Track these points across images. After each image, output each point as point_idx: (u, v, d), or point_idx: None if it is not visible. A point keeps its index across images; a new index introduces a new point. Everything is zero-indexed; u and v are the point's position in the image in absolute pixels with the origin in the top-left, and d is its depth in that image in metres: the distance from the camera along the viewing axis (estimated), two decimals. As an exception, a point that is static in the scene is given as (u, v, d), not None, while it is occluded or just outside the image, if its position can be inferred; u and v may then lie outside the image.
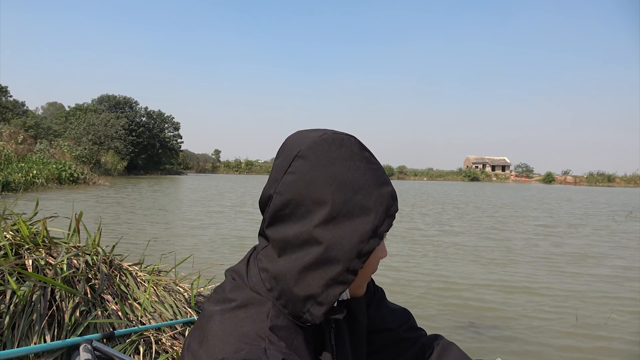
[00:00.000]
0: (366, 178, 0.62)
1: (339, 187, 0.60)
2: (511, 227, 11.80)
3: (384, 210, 0.62)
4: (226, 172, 76.43)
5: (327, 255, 0.59)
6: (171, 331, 2.03)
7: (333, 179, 0.60)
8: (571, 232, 10.93)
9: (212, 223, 10.63)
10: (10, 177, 16.80)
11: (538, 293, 5.29)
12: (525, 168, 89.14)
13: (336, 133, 0.65)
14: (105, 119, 38.43)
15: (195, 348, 0.61)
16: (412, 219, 13.18)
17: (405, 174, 77.83)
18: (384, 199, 0.62)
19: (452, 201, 21.94)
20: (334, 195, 0.60)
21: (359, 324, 0.80)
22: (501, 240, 9.32)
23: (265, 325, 0.60)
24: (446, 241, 9.01)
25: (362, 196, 0.61)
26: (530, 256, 7.63)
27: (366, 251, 0.60)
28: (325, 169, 0.61)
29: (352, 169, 0.61)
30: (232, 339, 0.57)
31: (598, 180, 72.14)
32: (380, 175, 0.64)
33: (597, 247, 8.80)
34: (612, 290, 5.48)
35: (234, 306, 0.62)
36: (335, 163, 0.61)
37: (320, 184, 0.60)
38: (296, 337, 0.63)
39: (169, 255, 4.99)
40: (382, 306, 0.87)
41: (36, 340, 1.61)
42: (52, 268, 1.85)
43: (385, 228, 0.62)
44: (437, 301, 4.87)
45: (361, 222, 0.60)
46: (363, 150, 0.65)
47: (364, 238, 0.60)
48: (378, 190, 0.62)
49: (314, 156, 0.62)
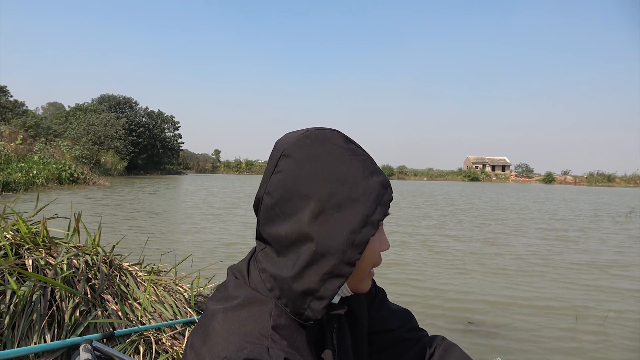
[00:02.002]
0: (352, 170, 0.62)
1: (324, 181, 0.61)
2: (512, 228, 11.80)
3: (374, 198, 0.61)
4: (226, 172, 76.40)
5: (320, 249, 0.60)
6: (171, 331, 2.03)
7: (317, 173, 0.61)
8: (578, 236, 10.92)
9: (212, 223, 10.62)
10: (10, 177, 16.79)
11: (538, 293, 5.28)
12: (525, 168, 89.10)
13: (319, 129, 0.66)
14: (105, 119, 38.36)
15: (198, 346, 0.61)
16: (413, 219, 13.18)
17: (405, 174, 77.79)
18: (373, 188, 0.62)
19: (452, 201, 21.93)
20: (320, 189, 0.60)
21: (360, 325, 0.80)
22: (501, 241, 9.32)
23: (268, 324, 0.60)
24: (447, 241, 9.01)
25: (348, 188, 0.61)
26: (531, 256, 7.63)
27: (360, 241, 0.60)
28: (309, 165, 0.62)
29: (337, 162, 0.62)
30: (235, 337, 0.58)
31: (598, 180, 72.11)
32: (368, 166, 0.64)
33: (599, 247, 8.80)
34: (613, 291, 5.48)
35: (236, 304, 0.63)
36: (319, 158, 0.62)
37: (305, 179, 0.61)
38: (298, 336, 0.63)
39: (169, 255, 4.99)
40: (382, 307, 0.87)
41: (36, 340, 1.61)
42: (52, 268, 1.85)
43: (378, 217, 0.61)
44: (436, 301, 4.87)
45: (350, 213, 0.60)
46: (348, 143, 0.65)
47: (355, 228, 0.60)
48: (366, 180, 0.62)
49: (297, 153, 0.63)
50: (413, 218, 13.39)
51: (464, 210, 16.84)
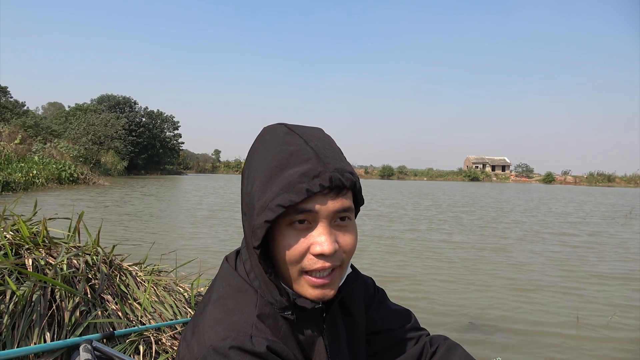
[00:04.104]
0: (278, 159, 0.63)
1: (258, 171, 0.65)
2: (511, 227, 11.80)
3: (285, 185, 0.61)
4: (226, 172, 76.39)
5: (245, 235, 0.68)
6: (171, 331, 2.03)
7: (253, 164, 0.67)
8: (587, 239, 10.91)
9: (212, 223, 10.62)
10: (10, 177, 16.79)
11: (538, 293, 5.28)
12: (525, 168, 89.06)
13: (269, 125, 0.71)
14: (105, 119, 38.34)
15: (189, 337, 0.64)
16: (414, 219, 13.18)
17: (405, 174, 77.74)
18: (291, 175, 0.61)
19: (454, 202, 21.92)
20: (255, 178, 0.65)
21: (356, 325, 0.80)
22: (501, 240, 9.32)
23: (253, 314, 0.63)
24: (447, 242, 9.01)
25: (272, 175, 0.63)
26: (530, 256, 7.63)
27: (256, 225, 0.62)
28: (250, 159, 0.68)
29: (267, 154, 0.65)
30: (220, 327, 0.61)
31: (598, 180, 72.09)
32: (297, 156, 0.63)
33: (605, 249, 8.80)
34: (614, 291, 5.48)
35: (223, 293, 0.67)
36: (257, 151, 0.67)
37: (248, 171, 0.68)
38: (283, 326, 0.65)
39: (169, 256, 4.99)
40: (382, 307, 0.87)
41: (36, 340, 1.61)
42: (52, 268, 1.85)
43: (279, 201, 0.60)
44: (437, 301, 4.87)
45: (259, 199, 0.63)
46: (287, 135, 0.66)
47: (263, 209, 0.62)
48: (288, 169, 0.62)
49: (254, 145, 0.69)
50: (413, 218, 13.39)
51: (467, 211, 16.83)
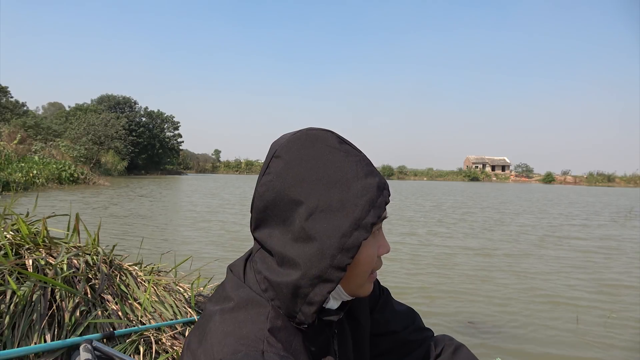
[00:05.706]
0: (344, 171, 0.60)
1: (313, 184, 0.59)
2: (512, 227, 11.80)
3: (367, 201, 0.59)
4: (226, 172, 76.41)
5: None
6: (171, 331, 2.03)
7: (307, 176, 0.60)
8: (581, 236, 10.90)
9: (212, 223, 10.62)
10: (11, 177, 16.79)
11: (538, 293, 5.28)
12: (525, 168, 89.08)
13: (311, 129, 0.64)
14: (105, 119, 38.33)
15: (195, 347, 0.61)
16: (414, 220, 13.18)
17: (405, 174, 77.75)
18: (367, 190, 0.60)
19: (455, 202, 21.92)
20: (309, 192, 0.59)
21: (361, 327, 0.79)
22: (502, 240, 9.32)
23: (265, 327, 0.59)
24: (447, 242, 9.01)
25: (339, 190, 0.59)
26: (530, 256, 7.63)
27: (350, 245, 0.58)
28: (298, 167, 0.60)
29: (328, 164, 0.60)
30: (230, 340, 0.57)
31: (598, 180, 72.09)
32: (363, 167, 0.62)
33: (605, 247, 8.80)
34: (614, 292, 5.48)
35: (233, 306, 0.62)
36: (309, 160, 0.61)
37: (294, 182, 0.60)
38: (295, 339, 0.62)
39: (169, 255, 4.99)
40: (387, 308, 0.86)
41: (36, 340, 1.61)
42: (52, 268, 1.85)
43: (371, 219, 0.59)
44: (437, 301, 4.87)
45: (341, 216, 0.58)
46: (341, 144, 0.63)
47: (345, 232, 0.58)
48: (359, 181, 0.60)
49: (287, 155, 0.61)
50: (413, 217, 13.38)
51: (468, 212, 16.83)
